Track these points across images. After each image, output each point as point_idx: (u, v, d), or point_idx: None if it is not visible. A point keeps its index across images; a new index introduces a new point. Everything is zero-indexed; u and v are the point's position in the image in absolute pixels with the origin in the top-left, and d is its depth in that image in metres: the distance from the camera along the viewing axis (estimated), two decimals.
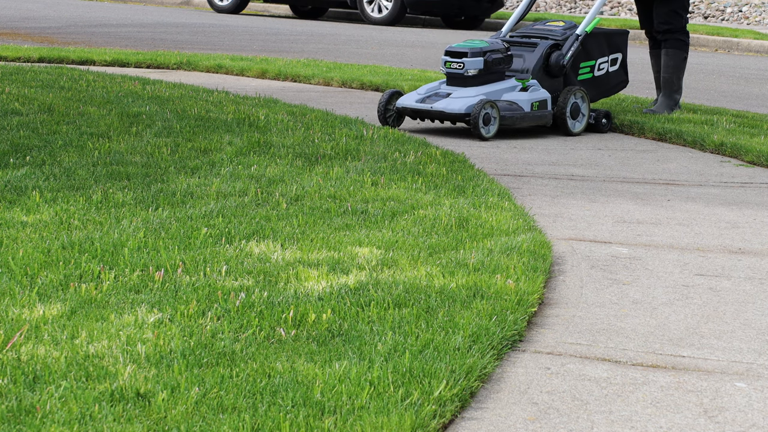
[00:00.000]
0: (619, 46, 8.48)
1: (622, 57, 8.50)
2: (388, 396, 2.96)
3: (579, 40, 8.14)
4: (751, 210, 5.80)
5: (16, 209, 4.75)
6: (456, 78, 7.89)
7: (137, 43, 14.07)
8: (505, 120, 7.76)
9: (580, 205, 5.75)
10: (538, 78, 8.02)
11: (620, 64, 8.50)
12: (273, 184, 5.46)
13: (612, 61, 8.45)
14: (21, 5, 20.00)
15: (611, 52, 8.44)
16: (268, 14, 22.43)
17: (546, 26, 8.37)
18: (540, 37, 8.25)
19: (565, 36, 8.19)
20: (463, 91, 7.81)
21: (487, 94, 7.80)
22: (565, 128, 8.02)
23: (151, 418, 2.79)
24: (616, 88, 8.58)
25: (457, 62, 7.86)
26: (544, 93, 7.98)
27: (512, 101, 7.86)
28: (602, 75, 8.40)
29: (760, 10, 22.02)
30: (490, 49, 7.87)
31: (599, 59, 8.36)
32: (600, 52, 8.36)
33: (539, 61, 8.02)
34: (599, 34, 8.38)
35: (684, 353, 3.58)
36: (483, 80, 7.85)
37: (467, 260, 4.26)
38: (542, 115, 7.96)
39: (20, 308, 3.50)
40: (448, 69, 7.90)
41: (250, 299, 3.66)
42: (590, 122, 8.21)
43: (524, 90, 7.94)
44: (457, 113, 7.65)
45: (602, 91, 8.49)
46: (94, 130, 6.76)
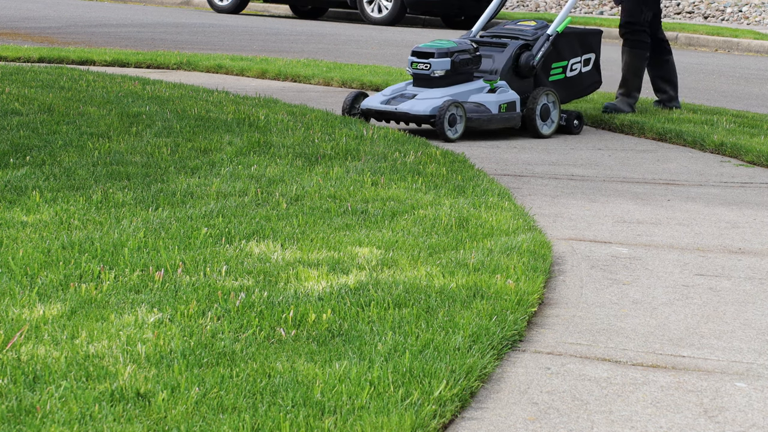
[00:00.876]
0: (593, 46, 8.32)
1: (595, 57, 8.35)
2: (388, 396, 2.96)
3: (550, 40, 7.99)
4: (751, 210, 5.80)
5: (16, 209, 4.75)
6: (422, 79, 7.74)
7: (137, 43, 14.07)
8: (471, 122, 7.61)
9: (580, 205, 5.75)
10: (507, 79, 7.88)
11: (593, 64, 8.34)
12: (273, 184, 5.46)
13: (585, 62, 8.30)
14: (21, 5, 20.00)
15: (584, 52, 8.28)
16: (268, 14, 22.43)
17: (517, 26, 8.22)
18: (510, 37, 8.10)
19: (536, 36, 8.05)
20: (429, 92, 7.66)
21: (453, 95, 7.65)
22: (534, 130, 7.86)
23: (151, 418, 2.79)
24: (590, 89, 8.44)
25: (423, 63, 7.72)
26: (513, 94, 7.82)
27: (480, 103, 7.71)
28: (575, 76, 8.26)
29: (760, 10, 22.02)
30: (458, 49, 7.73)
31: (572, 59, 8.22)
32: (572, 53, 8.21)
33: (508, 61, 7.89)
34: (572, 33, 8.23)
35: (684, 353, 3.58)
36: (450, 81, 7.70)
37: (467, 260, 4.26)
38: (510, 117, 7.80)
39: (20, 308, 3.50)
40: (414, 70, 7.75)
41: (250, 299, 3.66)
42: (561, 124, 8.05)
43: (492, 91, 7.79)
44: (422, 114, 7.50)
45: (575, 92, 8.35)
46: (94, 130, 6.76)
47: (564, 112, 8.10)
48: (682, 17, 22.34)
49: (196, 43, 14.59)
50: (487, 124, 7.70)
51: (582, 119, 8.17)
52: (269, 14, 22.45)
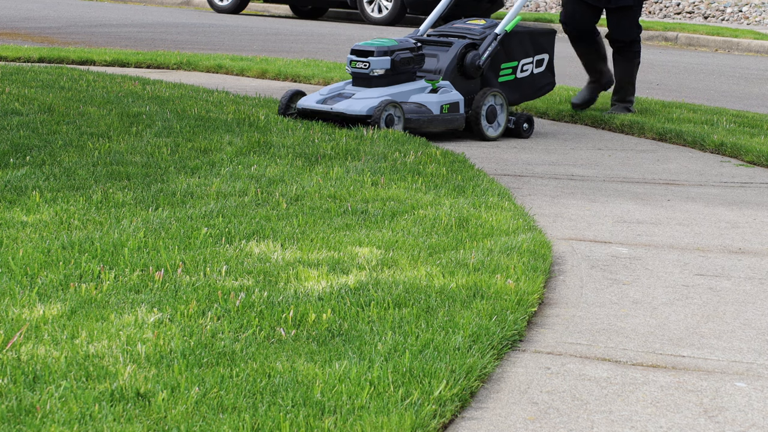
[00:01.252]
0: (545, 46, 8.08)
1: (548, 58, 8.11)
2: (388, 396, 2.96)
3: (497, 39, 7.74)
4: (751, 210, 5.80)
5: (16, 209, 4.75)
6: (361, 78, 7.51)
7: (137, 43, 14.07)
8: (411, 122, 7.33)
9: (580, 205, 5.75)
10: (451, 79, 7.63)
11: (546, 65, 8.10)
12: (273, 184, 5.46)
13: (537, 63, 8.05)
14: (21, 5, 20.00)
15: (536, 53, 8.04)
16: (268, 14, 22.43)
17: (465, 24, 7.98)
18: (457, 36, 7.87)
19: (484, 35, 7.81)
20: (367, 92, 7.43)
21: (393, 95, 7.39)
22: (479, 133, 7.63)
23: (151, 418, 2.79)
24: (542, 91, 8.17)
25: (362, 61, 7.48)
26: (456, 95, 7.57)
27: (421, 103, 7.44)
28: (526, 77, 8.01)
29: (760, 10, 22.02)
30: (399, 47, 7.49)
31: (522, 60, 7.97)
32: (523, 53, 7.97)
33: (453, 61, 7.64)
34: (523, 33, 7.96)
35: (684, 353, 3.58)
36: (390, 81, 7.47)
37: (467, 260, 4.26)
38: (453, 118, 7.54)
39: (20, 308, 3.50)
40: (353, 68, 7.52)
41: (250, 299, 3.66)
42: (510, 127, 7.81)
43: (434, 91, 7.53)
44: (358, 114, 7.24)
45: (526, 94, 8.09)
46: (94, 130, 6.76)
47: (513, 115, 7.84)
48: (682, 17, 22.34)
49: (196, 43, 14.60)
50: (427, 126, 7.43)
51: (532, 122, 7.93)
52: (269, 14, 22.45)
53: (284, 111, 7.62)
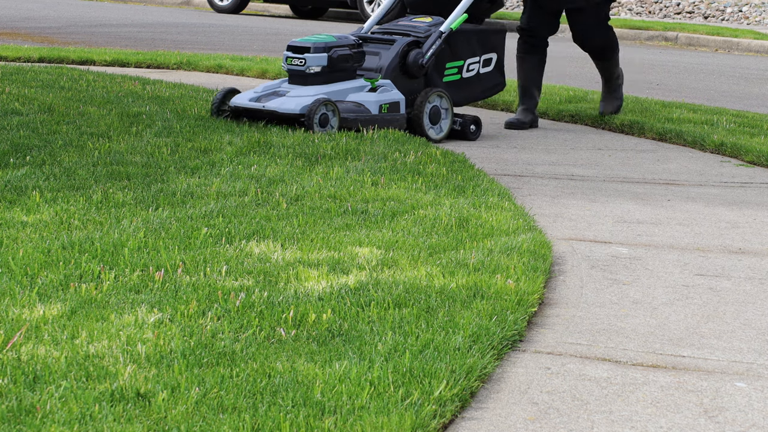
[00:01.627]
0: (495, 45, 7.83)
1: (497, 57, 7.82)
2: (388, 396, 2.96)
3: (442, 37, 7.49)
4: (751, 210, 5.80)
5: (16, 209, 4.75)
6: (298, 76, 7.22)
7: (137, 43, 14.07)
8: (347, 122, 7.06)
9: (580, 205, 5.75)
10: (393, 78, 7.34)
11: (495, 65, 7.86)
12: (273, 184, 5.46)
13: (485, 62, 7.81)
14: (21, 5, 20.00)
15: (484, 52, 7.79)
16: (268, 14, 22.43)
17: (411, 22, 7.73)
18: (401, 33, 7.62)
19: (428, 33, 7.52)
20: (302, 90, 7.16)
21: (329, 93, 7.12)
22: (422, 134, 7.32)
23: (151, 418, 2.79)
24: (491, 91, 7.95)
25: (298, 58, 7.19)
26: (396, 94, 7.29)
27: (359, 102, 7.17)
28: (472, 77, 7.76)
29: (760, 10, 22.02)
30: (337, 44, 7.22)
31: (469, 59, 7.73)
32: (470, 52, 7.73)
33: (394, 59, 7.36)
34: (470, 31, 7.69)
35: (684, 353, 3.58)
36: (327, 78, 7.19)
37: (467, 260, 4.26)
38: (393, 118, 7.24)
39: (20, 308, 3.50)
40: (289, 66, 7.23)
41: (250, 299, 3.66)
42: (456, 128, 7.55)
43: (373, 90, 7.25)
44: (291, 113, 6.98)
45: (473, 95, 7.85)
46: (94, 130, 6.76)
47: (459, 116, 7.60)
48: (682, 17, 22.34)
49: (196, 43, 14.60)
50: (364, 125, 7.13)
51: (479, 124, 7.70)
52: (269, 14, 22.45)
53: (217, 109, 7.31)
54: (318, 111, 6.94)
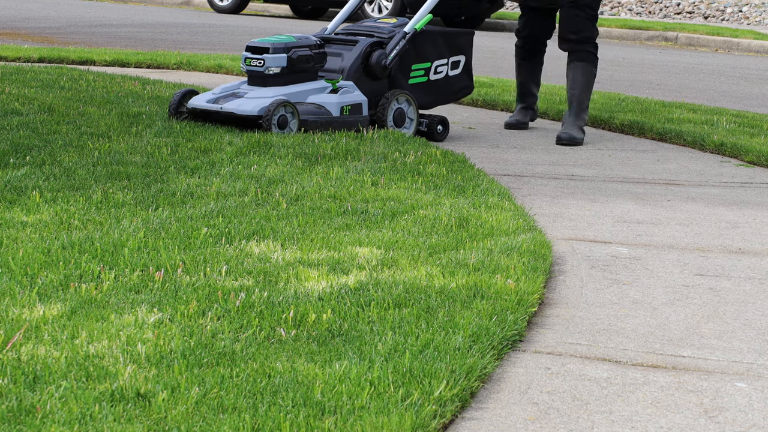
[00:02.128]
0: (462, 47, 7.74)
1: (465, 60, 7.72)
2: (389, 396, 2.96)
3: (406, 38, 7.37)
4: (751, 210, 5.80)
5: (16, 209, 4.75)
6: (256, 77, 7.09)
7: (137, 43, 14.07)
8: (307, 124, 6.94)
9: (580, 205, 5.75)
10: (355, 79, 7.25)
11: (463, 67, 7.72)
12: (273, 184, 5.46)
13: (453, 64, 7.71)
14: (21, 5, 20.00)
15: (452, 54, 7.69)
16: (268, 14, 22.43)
17: (375, 23, 7.66)
18: (364, 34, 7.50)
19: (392, 34, 7.44)
20: (260, 91, 7.04)
21: (289, 95, 7.02)
22: None
23: (151, 418, 2.79)
24: (459, 94, 7.86)
25: (257, 59, 7.07)
26: (359, 96, 7.18)
27: (319, 104, 7.06)
28: (440, 79, 7.66)
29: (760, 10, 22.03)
30: (297, 45, 7.11)
31: (436, 61, 7.63)
32: (437, 54, 7.58)
33: (357, 60, 7.27)
34: (437, 33, 7.58)
35: (684, 353, 3.58)
36: (287, 80, 7.08)
37: (467, 260, 4.26)
38: (355, 120, 7.12)
39: (20, 308, 3.50)
40: (248, 66, 7.11)
41: (250, 299, 3.66)
42: (422, 129, 7.44)
43: (335, 92, 7.15)
44: (249, 115, 6.84)
45: (441, 97, 7.70)
46: (94, 130, 6.76)
47: (425, 117, 7.50)
48: (682, 17, 22.35)
49: (196, 43, 14.60)
50: (326, 127, 7.02)
51: (447, 124, 7.61)
52: (269, 14, 22.45)
53: (175, 111, 7.17)
54: (276, 113, 6.83)
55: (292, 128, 6.90)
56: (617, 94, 9.85)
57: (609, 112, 8.70)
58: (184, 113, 7.19)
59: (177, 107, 7.18)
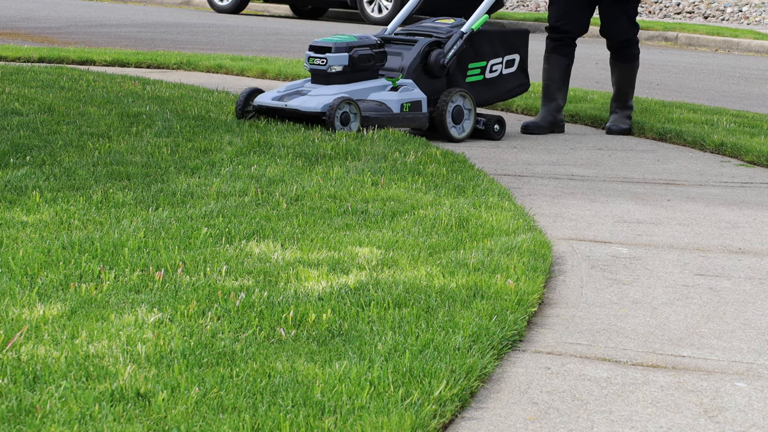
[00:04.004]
0: (517, 46, 7.93)
1: (520, 58, 7.94)
2: (388, 396, 2.96)
3: (463, 38, 7.61)
4: (751, 210, 5.80)
5: (16, 209, 4.75)
6: (319, 75, 7.32)
7: (137, 43, 14.07)
8: (368, 120, 7.15)
9: (580, 205, 5.75)
10: (415, 78, 7.45)
11: (518, 65, 7.93)
12: (273, 184, 5.47)
13: (507, 63, 7.90)
14: (21, 5, 20.00)
15: (507, 53, 7.88)
16: (268, 14, 22.43)
17: (433, 23, 7.86)
18: (423, 34, 7.74)
19: (450, 34, 7.64)
20: (324, 89, 7.25)
21: (351, 92, 7.21)
22: (445, 133, 7.45)
23: (151, 418, 2.79)
24: (514, 92, 8.03)
25: (320, 58, 7.29)
26: (418, 94, 7.40)
27: (380, 101, 7.27)
28: (495, 77, 7.85)
29: (760, 10, 22.02)
30: (358, 44, 7.32)
31: (491, 60, 7.83)
32: (493, 53, 7.83)
33: (416, 59, 7.47)
34: (493, 32, 7.83)
35: (684, 353, 3.58)
36: (349, 78, 7.28)
37: (467, 260, 4.26)
38: (415, 117, 7.37)
39: (20, 308, 3.50)
40: (311, 65, 7.33)
41: (250, 299, 3.66)
42: (479, 128, 7.63)
43: (395, 89, 7.36)
44: (313, 112, 7.08)
45: (496, 95, 7.94)
46: (94, 130, 6.76)
47: (483, 116, 7.68)
48: (682, 17, 22.34)
49: (196, 43, 14.60)
50: (386, 124, 7.24)
51: (503, 124, 7.76)
52: (269, 14, 22.45)
53: (242, 110, 7.38)
54: (339, 109, 7.03)
55: (354, 125, 7.11)
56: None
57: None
58: (250, 111, 7.39)
59: (244, 106, 7.39)
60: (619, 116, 8.23)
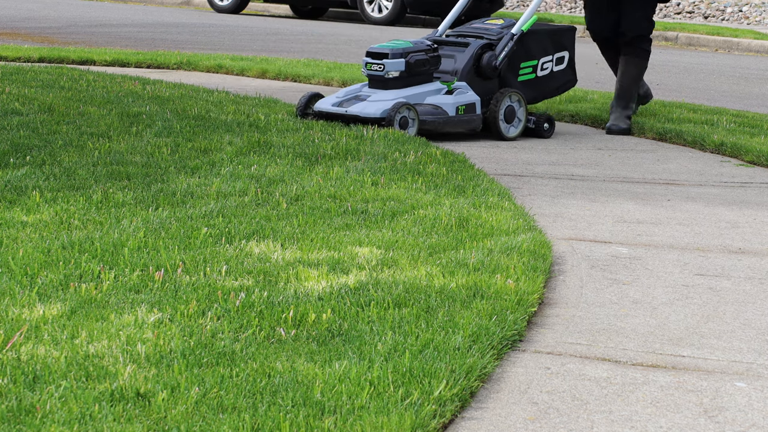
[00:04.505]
0: (565, 44, 8.13)
1: (569, 55, 8.16)
2: (388, 396, 2.96)
3: (514, 39, 7.79)
4: (751, 210, 5.80)
5: (16, 209, 4.75)
6: (377, 80, 7.54)
7: (137, 43, 14.07)
8: (426, 124, 7.38)
9: (580, 204, 5.75)
10: (468, 80, 7.66)
11: (567, 62, 8.16)
12: (273, 184, 5.46)
13: (557, 60, 8.10)
14: (21, 5, 20.00)
15: (556, 51, 8.08)
16: (268, 14, 22.43)
17: (483, 25, 8.04)
18: (474, 36, 7.92)
19: (501, 35, 7.84)
20: (382, 94, 7.46)
21: (408, 97, 7.44)
22: (498, 133, 7.66)
23: (151, 418, 2.79)
24: (563, 88, 8.24)
25: (377, 64, 7.51)
26: (472, 96, 7.60)
27: (436, 105, 7.48)
28: (546, 75, 8.05)
29: (760, 10, 22.02)
30: (413, 49, 7.52)
31: (542, 58, 8.03)
32: (543, 51, 8.02)
33: (469, 61, 7.67)
34: (542, 32, 8.02)
35: (684, 353, 3.58)
36: (405, 83, 7.51)
37: (467, 260, 4.26)
38: (470, 119, 7.58)
39: (20, 308, 3.50)
40: (368, 71, 7.55)
41: (250, 299, 3.66)
42: (530, 127, 7.85)
43: (450, 93, 7.57)
44: (373, 117, 7.28)
45: (547, 92, 8.16)
46: (94, 130, 6.76)
47: (533, 115, 7.88)
48: (682, 17, 22.34)
49: (196, 43, 14.60)
50: (443, 127, 7.46)
51: (553, 122, 7.96)
52: (269, 14, 22.45)
53: (302, 112, 7.65)
54: (398, 114, 7.25)
55: (412, 129, 7.32)
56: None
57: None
58: (310, 115, 7.64)
59: (304, 109, 7.63)
60: (619, 116, 8.26)
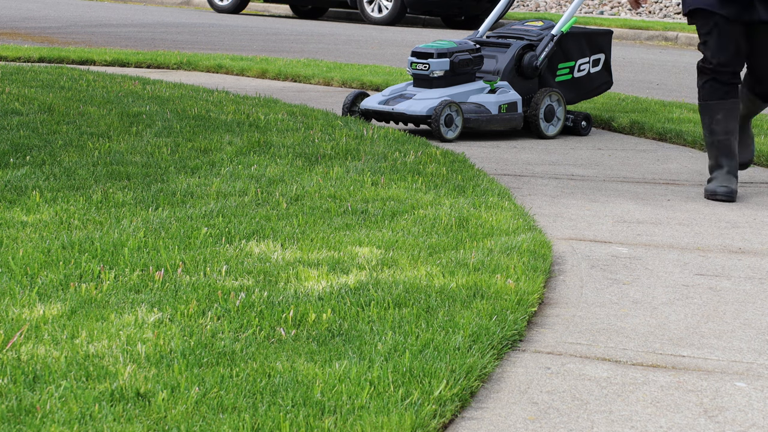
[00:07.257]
0: (602, 46, 8.29)
1: (605, 57, 8.31)
2: (388, 396, 2.96)
3: (554, 40, 7.99)
4: (751, 210, 5.80)
5: (16, 209, 4.75)
6: (422, 79, 7.78)
7: (137, 43, 14.07)
8: (469, 122, 7.62)
9: (580, 204, 5.75)
10: (510, 79, 7.88)
11: (603, 64, 8.31)
12: (273, 183, 5.46)
13: (594, 62, 8.27)
14: (21, 5, 20.00)
15: (593, 53, 8.25)
16: (268, 14, 22.43)
17: (523, 26, 8.23)
18: (515, 37, 8.12)
19: (541, 36, 8.04)
20: (427, 93, 7.70)
21: (452, 95, 7.66)
22: (538, 131, 7.87)
23: (151, 418, 2.79)
24: (599, 90, 8.39)
25: (422, 63, 7.74)
26: (514, 95, 7.82)
27: (479, 103, 7.71)
28: (583, 76, 8.23)
29: None
30: (458, 49, 7.74)
31: (579, 60, 8.20)
32: (580, 53, 8.20)
33: (511, 62, 7.89)
34: (580, 34, 8.22)
35: (684, 353, 3.58)
36: (449, 82, 7.73)
37: (467, 260, 4.26)
38: (511, 117, 7.79)
39: (20, 308, 3.50)
40: (414, 70, 7.78)
41: (250, 299, 3.66)
42: (568, 125, 8.05)
43: (492, 92, 7.79)
44: (419, 115, 7.55)
45: (583, 93, 8.32)
46: (94, 130, 6.76)
47: (571, 113, 8.09)
48: (682, 17, 22.33)
49: (196, 43, 14.60)
50: (486, 125, 7.70)
51: (590, 120, 8.15)
52: (269, 14, 22.45)
53: (348, 109, 7.88)
54: (443, 112, 7.49)
55: (457, 126, 7.58)
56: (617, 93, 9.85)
57: (609, 112, 8.70)
58: (355, 111, 7.93)
59: (350, 107, 7.92)
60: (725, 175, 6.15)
